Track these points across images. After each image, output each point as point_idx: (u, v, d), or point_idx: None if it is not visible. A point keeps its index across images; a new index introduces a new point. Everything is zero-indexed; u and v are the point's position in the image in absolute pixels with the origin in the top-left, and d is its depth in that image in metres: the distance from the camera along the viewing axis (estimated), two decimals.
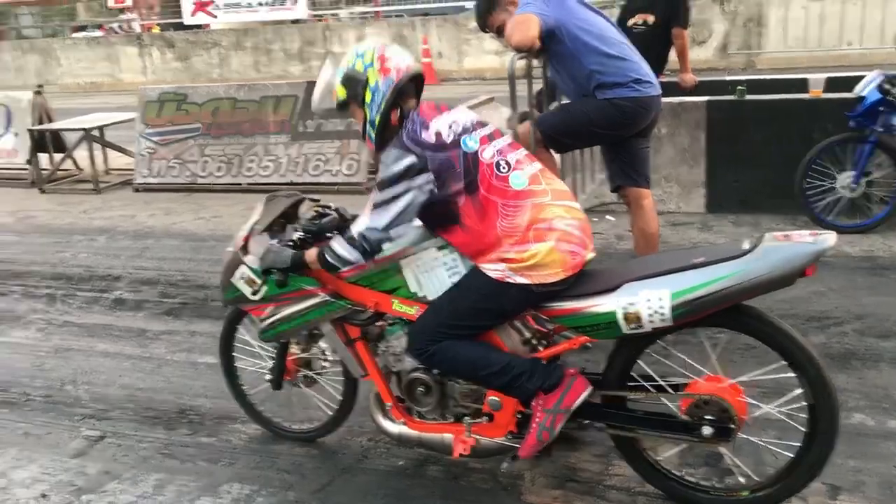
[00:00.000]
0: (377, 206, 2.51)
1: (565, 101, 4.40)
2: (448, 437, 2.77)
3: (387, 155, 2.51)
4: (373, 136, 2.62)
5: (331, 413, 3.17)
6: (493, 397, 2.66)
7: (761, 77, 7.59)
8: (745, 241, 2.38)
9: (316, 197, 3.02)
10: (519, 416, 2.66)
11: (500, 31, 4.01)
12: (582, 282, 2.52)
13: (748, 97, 5.61)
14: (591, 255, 2.56)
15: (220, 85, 8.83)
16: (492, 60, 15.15)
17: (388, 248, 2.64)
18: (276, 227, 2.93)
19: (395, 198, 2.48)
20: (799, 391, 2.44)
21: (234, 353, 3.28)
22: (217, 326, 3.51)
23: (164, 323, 4.65)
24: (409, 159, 2.46)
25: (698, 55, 12.37)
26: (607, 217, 5.80)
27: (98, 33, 22.34)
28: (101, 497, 3.00)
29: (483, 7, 4.00)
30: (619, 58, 3.89)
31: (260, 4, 16.92)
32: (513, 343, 2.64)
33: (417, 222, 2.64)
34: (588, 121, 3.93)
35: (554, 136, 4.01)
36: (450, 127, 2.55)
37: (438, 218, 2.57)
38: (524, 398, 2.59)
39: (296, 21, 17.31)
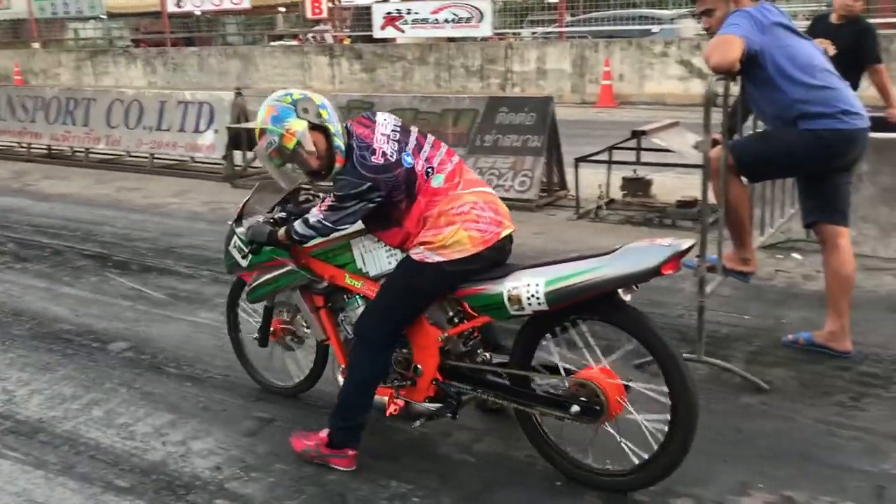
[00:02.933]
0: (333, 207, 2.98)
1: (761, 126, 4.19)
2: (384, 398, 3.10)
3: (346, 178, 2.93)
4: (343, 153, 2.99)
5: (306, 374, 3.67)
6: (416, 364, 3.07)
7: None
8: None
9: (307, 186, 3.52)
10: (435, 384, 3.06)
11: (704, 13, 3.87)
12: (490, 270, 2.86)
13: None
14: (506, 231, 2.94)
15: (405, 95, 9.11)
16: (674, 86, 14.72)
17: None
18: (276, 209, 3.42)
19: (349, 206, 2.94)
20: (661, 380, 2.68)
21: (238, 313, 3.89)
22: None
23: None
24: (366, 185, 2.89)
25: None
26: (794, 255, 5.46)
27: (293, 43, 23.70)
28: (266, 476, 3.15)
29: None
30: (826, 87, 3.66)
31: (446, 21, 17.35)
32: (437, 318, 3.03)
33: None
34: (788, 152, 3.72)
35: (749, 164, 3.82)
36: (388, 142, 2.96)
37: (379, 221, 3.04)
38: (332, 431, 3.11)
39: (480, 39, 17.62)
